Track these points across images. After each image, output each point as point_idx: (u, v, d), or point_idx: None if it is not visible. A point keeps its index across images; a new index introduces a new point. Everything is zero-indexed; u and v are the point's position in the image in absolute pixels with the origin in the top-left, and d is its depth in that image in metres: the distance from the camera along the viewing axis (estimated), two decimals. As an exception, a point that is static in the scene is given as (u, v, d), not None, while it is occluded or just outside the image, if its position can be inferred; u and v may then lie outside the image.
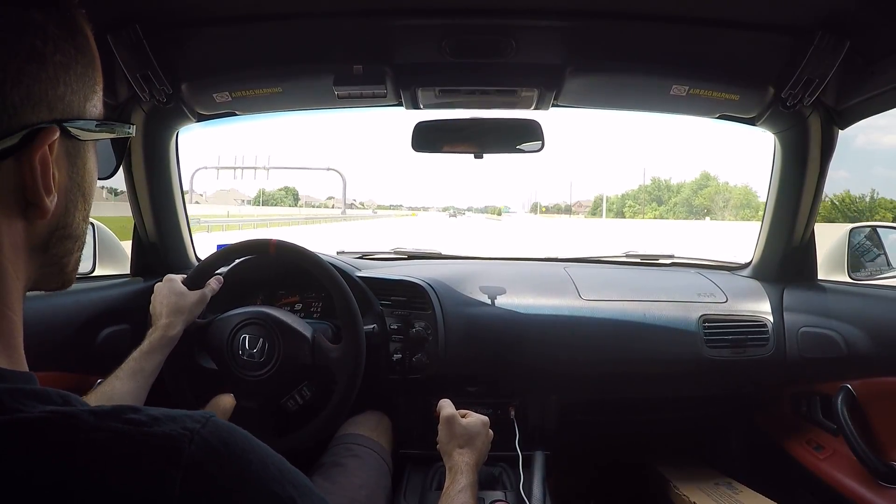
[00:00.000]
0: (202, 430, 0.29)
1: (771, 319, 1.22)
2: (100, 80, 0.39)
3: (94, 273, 1.20)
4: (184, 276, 0.98)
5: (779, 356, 1.19)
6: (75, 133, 0.36)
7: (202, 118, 1.21)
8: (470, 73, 1.10)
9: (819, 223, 1.25)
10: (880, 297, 1.13)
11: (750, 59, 1.02)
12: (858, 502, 1.02)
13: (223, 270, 1.10)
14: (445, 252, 1.58)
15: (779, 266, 1.29)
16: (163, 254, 1.28)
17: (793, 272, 1.28)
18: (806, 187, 1.18)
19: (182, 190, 1.31)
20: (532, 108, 1.17)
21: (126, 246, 1.33)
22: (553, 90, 1.10)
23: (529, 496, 0.96)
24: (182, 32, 0.97)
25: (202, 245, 1.40)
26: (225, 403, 0.90)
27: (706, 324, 1.20)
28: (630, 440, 1.49)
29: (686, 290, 1.28)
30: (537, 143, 1.14)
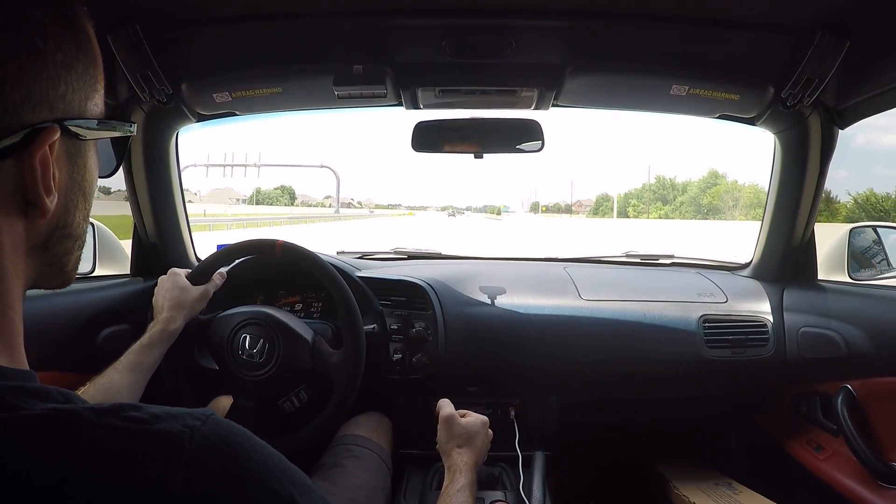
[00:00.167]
0: (202, 428, 0.29)
1: (771, 319, 1.22)
2: (101, 79, 0.39)
3: (94, 273, 1.20)
4: (188, 271, 0.98)
5: (779, 356, 1.19)
6: (76, 132, 0.36)
7: (202, 118, 1.21)
8: (470, 73, 1.10)
9: (840, 223, 1.24)
10: (880, 297, 1.13)
11: (750, 59, 1.02)
12: (858, 502, 1.02)
13: (226, 268, 1.11)
14: (445, 252, 1.58)
15: (779, 266, 1.29)
16: (163, 254, 1.28)
17: (793, 272, 1.28)
18: (806, 187, 1.18)
19: (182, 190, 1.31)
20: (532, 108, 1.17)
21: (124, 244, 1.33)
22: (553, 90, 1.10)
23: (529, 496, 0.96)
24: (182, 32, 0.97)
25: (202, 245, 1.40)
26: (224, 405, 0.90)
27: (706, 324, 1.20)
28: (630, 440, 1.48)
29: (686, 290, 1.28)
30: (537, 143, 1.14)
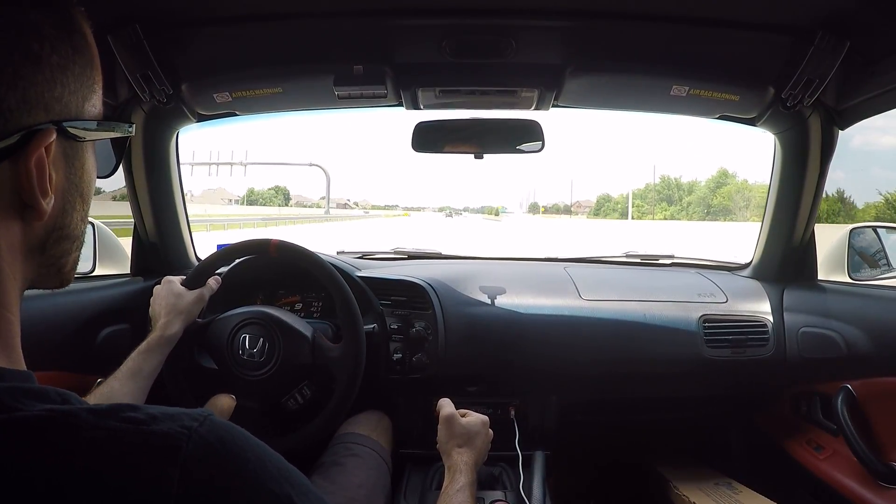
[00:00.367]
0: (200, 429, 0.29)
1: (771, 319, 1.22)
2: (99, 80, 0.38)
3: (94, 273, 1.20)
4: (182, 277, 0.98)
5: (779, 356, 1.19)
6: (73, 134, 0.36)
7: (202, 118, 1.21)
8: (470, 74, 1.10)
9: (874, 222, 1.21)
10: (880, 298, 1.13)
11: (750, 60, 1.02)
12: (858, 502, 1.02)
13: (223, 270, 1.11)
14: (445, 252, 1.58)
15: (779, 266, 1.29)
16: (163, 253, 1.28)
17: (793, 272, 1.28)
18: (806, 187, 1.18)
19: (182, 190, 1.31)
20: (532, 109, 1.17)
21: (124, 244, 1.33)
22: (553, 90, 1.10)
23: (529, 496, 0.96)
24: (182, 32, 0.97)
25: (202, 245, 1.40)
26: (223, 403, 0.90)
27: (706, 324, 1.20)
28: (630, 440, 1.48)
29: (686, 291, 1.28)
30: (537, 144, 1.14)
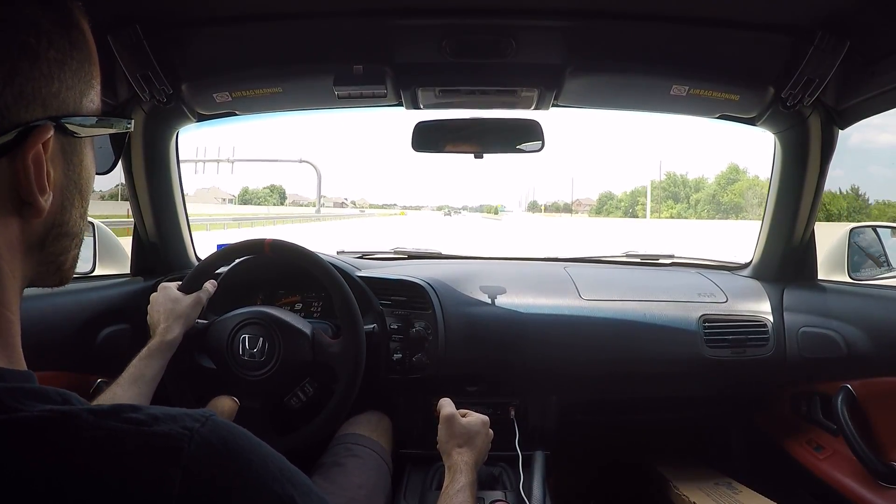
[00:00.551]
0: (202, 430, 0.29)
1: (771, 319, 1.22)
2: (97, 75, 0.38)
3: (94, 273, 1.20)
4: (178, 283, 0.98)
5: (779, 356, 1.19)
6: (72, 130, 0.35)
7: (202, 118, 1.21)
8: (470, 73, 1.10)
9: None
10: (880, 297, 1.13)
11: (750, 59, 1.02)
12: (858, 502, 1.02)
13: (222, 271, 1.11)
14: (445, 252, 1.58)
15: (779, 266, 1.29)
16: (163, 253, 1.28)
17: (793, 272, 1.28)
18: (806, 187, 1.18)
19: (182, 190, 1.31)
20: (532, 108, 1.17)
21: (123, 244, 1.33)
22: (553, 90, 1.10)
23: (529, 496, 0.96)
24: (182, 32, 0.97)
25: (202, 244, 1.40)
26: (224, 405, 0.90)
27: (706, 324, 1.20)
28: (630, 440, 1.48)
29: (686, 290, 1.28)
30: (537, 143, 1.14)
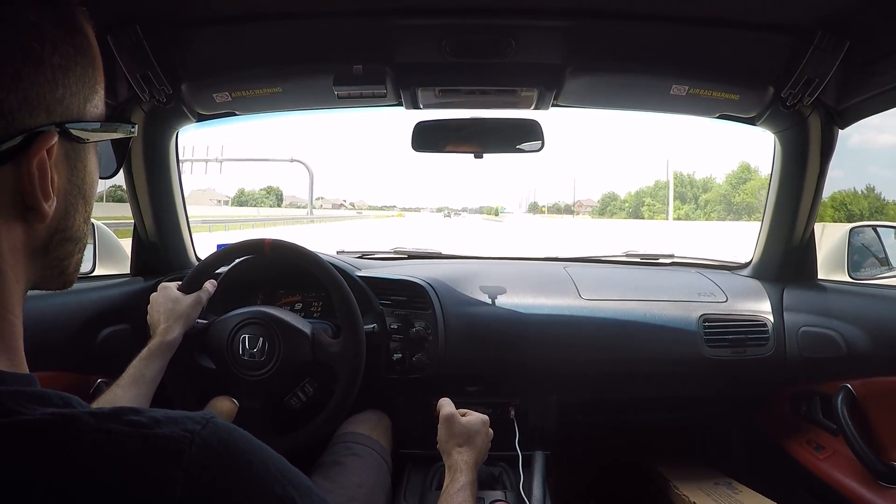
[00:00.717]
0: (203, 432, 0.29)
1: (771, 319, 1.22)
2: (101, 80, 0.38)
3: (94, 273, 1.20)
4: (178, 283, 0.98)
5: (779, 356, 1.19)
6: (76, 135, 0.35)
7: (202, 118, 1.21)
8: (470, 73, 1.10)
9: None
10: (880, 297, 1.13)
11: (750, 59, 1.02)
12: (858, 502, 1.02)
13: (222, 271, 1.11)
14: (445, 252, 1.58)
15: (779, 266, 1.29)
16: (163, 253, 1.28)
17: (793, 272, 1.28)
18: (806, 187, 1.18)
19: (182, 190, 1.31)
20: (532, 108, 1.17)
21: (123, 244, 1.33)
22: (553, 90, 1.10)
23: (529, 496, 0.96)
24: (182, 32, 0.97)
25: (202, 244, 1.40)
26: (222, 406, 0.90)
27: (706, 323, 1.20)
28: (630, 440, 1.48)
29: (686, 290, 1.28)
30: (537, 143, 1.14)
